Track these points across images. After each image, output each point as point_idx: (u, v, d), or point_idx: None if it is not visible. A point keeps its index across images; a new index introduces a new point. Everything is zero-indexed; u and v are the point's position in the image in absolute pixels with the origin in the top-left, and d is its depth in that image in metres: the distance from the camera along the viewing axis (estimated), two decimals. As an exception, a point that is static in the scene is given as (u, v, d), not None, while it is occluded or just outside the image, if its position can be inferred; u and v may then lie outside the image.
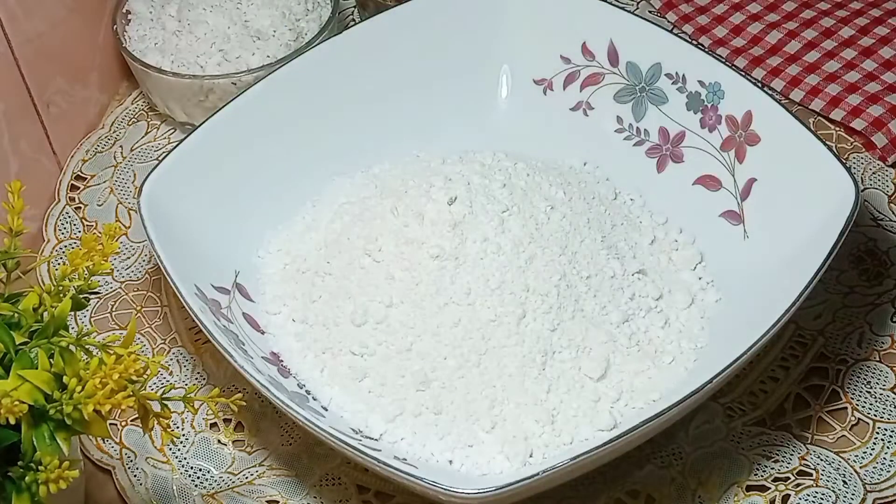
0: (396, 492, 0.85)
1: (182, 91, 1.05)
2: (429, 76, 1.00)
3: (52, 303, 0.68)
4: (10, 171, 0.99)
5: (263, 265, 0.93)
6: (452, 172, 0.90)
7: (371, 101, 1.00)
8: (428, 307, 0.83)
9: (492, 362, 0.82)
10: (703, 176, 0.94)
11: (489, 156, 0.94)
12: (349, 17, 1.21)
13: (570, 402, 0.82)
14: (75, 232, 1.03)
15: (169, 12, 1.10)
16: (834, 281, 0.95)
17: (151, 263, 1.00)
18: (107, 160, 1.09)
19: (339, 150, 0.99)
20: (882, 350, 0.91)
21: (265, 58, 1.06)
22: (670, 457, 0.85)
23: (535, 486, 0.73)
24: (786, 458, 0.85)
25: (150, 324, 0.96)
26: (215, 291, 0.87)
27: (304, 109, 0.97)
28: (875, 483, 0.83)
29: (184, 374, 0.93)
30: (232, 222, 0.93)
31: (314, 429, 0.75)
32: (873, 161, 1.04)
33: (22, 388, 0.63)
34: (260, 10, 1.09)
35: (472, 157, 0.95)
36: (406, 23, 1.00)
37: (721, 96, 0.92)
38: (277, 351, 0.87)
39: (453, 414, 0.81)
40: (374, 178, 0.96)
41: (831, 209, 0.82)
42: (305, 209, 0.96)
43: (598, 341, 0.83)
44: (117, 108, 1.14)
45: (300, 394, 0.83)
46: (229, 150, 0.93)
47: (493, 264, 0.84)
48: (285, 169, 0.96)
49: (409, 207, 0.87)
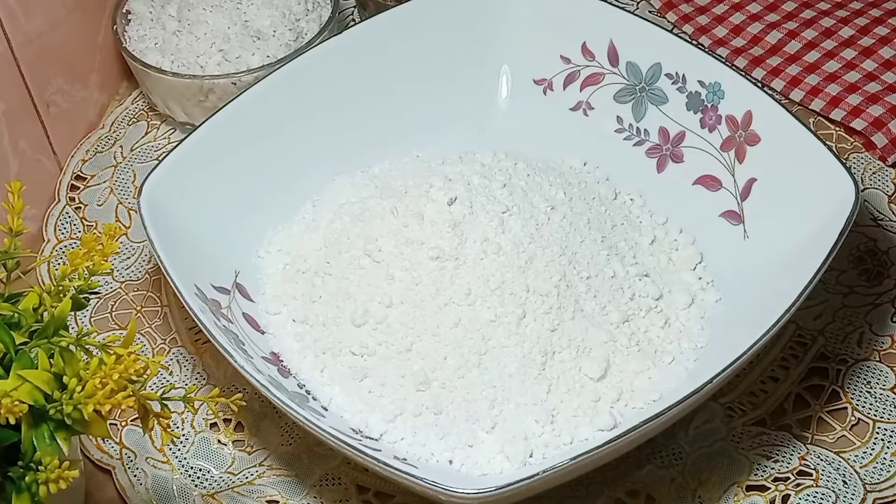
0: (396, 492, 0.85)
1: (182, 91, 1.06)
2: (429, 76, 1.00)
3: (53, 303, 0.68)
4: (10, 171, 0.99)
5: (263, 265, 0.93)
6: (452, 172, 0.90)
7: (371, 100, 1.00)
8: (428, 307, 0.83)
9: (492, 362, 0.82)
10: (703, 176, 0.94)
11: (489, 156, 0.95)
12: (349, 17, 1.21)
13: (569, 402, 0.82)
14: (75, 232, 1.04)
15: (169, 12, 1.10)
16: (834, 281, 0.95)
17: (151, 263, 1.00)
18: (107, 160, 1.09)
19: (339, 150, 0.99)
20: (882, 350, 0.91)
21: (265, 58, 1.06)
22: (670, 457, 0.85)
23: (535, 486, 0.73)
24: (786, 458, 0.85)
25: (150, 324, 0.96)
26: (215, 291, 0.87)
27: (304, 109, 0.97)
28: (875, 483, 0.83)
29: (184, 374, 0.93)
30: (232, 222, 0.93)
31: (314, 429, 0.75)
32: (873, 161, 1.04)
33: (22, 388, 0.63)
34: (260, 10, 1.09)
35: (472, 157, 0.95)
36: (406, 23, 1.00)
37: (721, 96, 0.92)
38: (277, 351, 0.87)
39: (453, 414, 0.81)
40: (374, 179, 0.96)
41: (831, 209, 0.82)
42: (305, 209, 0.96)
43: (599, 341, 0.84)
44: (117, 108, 1.14)
45: (300, 394, 0.84)
46: (229, 150, 0.93)
47: (493, 265, 0.84)
48: (285, 169, 0.97)
49: (409, 207, 0.87)
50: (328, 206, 0.95)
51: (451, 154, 0.96)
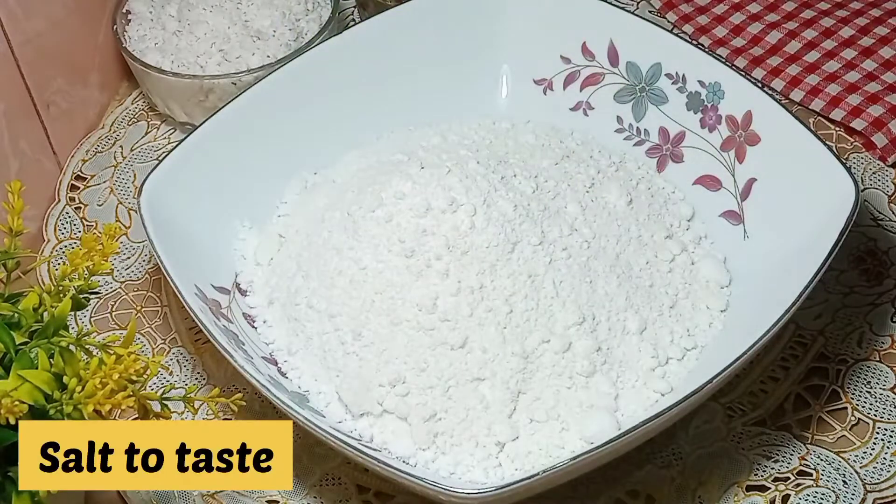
0: (396, 492, 0.85)
1: (182, 91, 1.06)
2: (429, 76, 1.00)
3: (53, 303, 0.68)
4: (10, 171, 1.00)
5: (262, 267, 0.92)
6: (451, 177, 0.87)
7: (370, 100, 1.00)
8: (429, 317, 0.82)
9: (492, 364, 0.81)
10: (704, 176, 0.94)
11: (489, 156, 0.94)
12: (349, 18, 1.21)
13: (570, 401, 0.82)
14: (75, 232, 1.04)
15: (169, 12, 1.10)
16: (834, 281, 0.95)
17: (151, 263, 1.00)
18: (107, 160, 1.10)
19: (338, 150, 0.99)
20: (882, 350, 0.91)
21: (265, 58, 1.06)
22: (670, 457, 0.86)
23: (534, 486, 0.73)
24: (786, 458, 0.85)
25: (150, 324, 0.97)
26: (215, 291, 0.87)
27: (304, 109, 0.97)
28: (875, 483, 0.84)
29: (184, 374, 0.93)
30: (231, 222, 0.93)
31: (314, 429, 0.75)
32: (873, 161, 1.04)
33: (22, 388, 0.63)
34: (260, 11, 1.09)
35: (471, 158, 0.95)
36: (406, 23, 1.00)
37: (721, 96, 0.92)
38: (275, 354, 0.87)
39: (453, 415, 0.81)
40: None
41: (831, 209, 0.82)
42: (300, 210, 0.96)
43: (593, 346, 0.83)
44: (117, 108, 1.15)
45: (300, 394, 0.84)
46: (229, 150, 0.93)
47: (497, 265, 0.83)
48: (285, 168, 0.97)
49: (409, 212, 0.86)
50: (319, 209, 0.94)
51: (450, 155, 0.94)
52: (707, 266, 0.90)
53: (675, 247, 0.90)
